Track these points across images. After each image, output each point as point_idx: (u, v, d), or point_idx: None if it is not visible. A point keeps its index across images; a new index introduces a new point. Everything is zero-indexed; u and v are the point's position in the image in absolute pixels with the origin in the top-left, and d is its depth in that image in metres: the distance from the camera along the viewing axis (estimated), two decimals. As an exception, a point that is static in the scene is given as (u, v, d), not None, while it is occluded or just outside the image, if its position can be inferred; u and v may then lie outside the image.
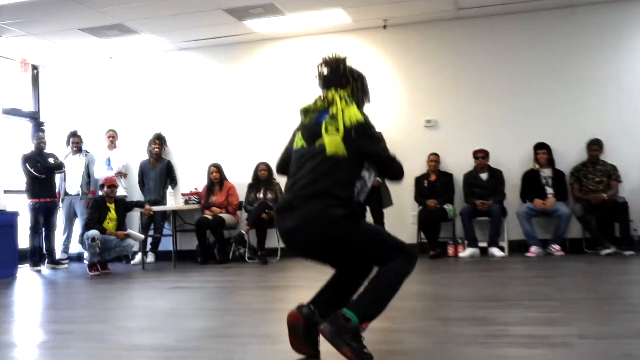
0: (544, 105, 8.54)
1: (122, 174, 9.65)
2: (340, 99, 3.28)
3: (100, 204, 8.41)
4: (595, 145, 8.05)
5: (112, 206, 8.47)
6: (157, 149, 9.65)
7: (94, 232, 8.07)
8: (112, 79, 10.31)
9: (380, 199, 8.24)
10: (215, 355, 3.55)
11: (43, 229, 9.17)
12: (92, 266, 8.17)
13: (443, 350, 3.45)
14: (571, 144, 8.35)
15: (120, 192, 9.13)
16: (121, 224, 8.61)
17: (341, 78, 3.37)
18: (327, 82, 3.37)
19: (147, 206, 8.82)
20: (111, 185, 8.51)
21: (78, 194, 9.56)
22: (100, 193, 8.71)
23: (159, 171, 9.63)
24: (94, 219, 8.27)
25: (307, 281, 6.69)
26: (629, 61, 8.36)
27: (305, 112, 3.41)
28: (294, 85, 9.43)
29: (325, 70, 3.39)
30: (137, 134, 9.98)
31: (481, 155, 8.39)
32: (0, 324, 5.07)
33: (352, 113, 3.23)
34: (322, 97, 3.35)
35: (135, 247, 9.03)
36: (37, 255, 9.10)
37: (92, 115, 10.30)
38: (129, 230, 8.68)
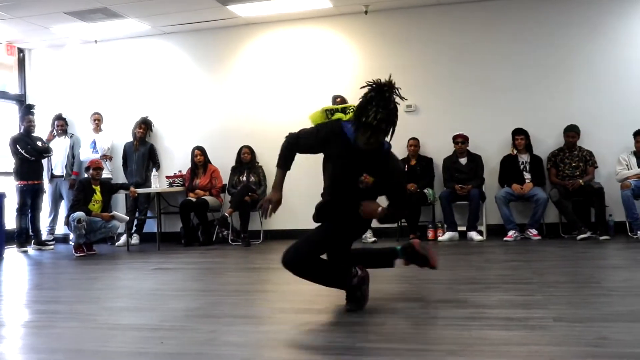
0: (522, 91, 8.54)
1: (107, 157, 9.56)
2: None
3: (86, 186, 8.33)
4: (571, 132, 8.07)
5: (97, 188, 8.38)
6: (141, 133, 9.56)
7: (79, 214, 7.99)
8: (98, 63, 10.18)
9: None
10: (199, 335, 3.52)
11: (29, 211, 9.09)
12: (77, 247, 8.11)
13: (422, 332, 3.45)
14: (549, 130, 8.37)
15: (105, 174, 9.05)
16: (106, 206, 8.53)
17: None
18: None
19: (131, 188, 8.75)
20: (97, 167, 8.42)
21: (63, 175, 9.50)
22: (86, 175, 8.62)
23: (141, 154, 9.54)
24: (80, 201, 8.19)
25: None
26: (605, 47, 8.35)
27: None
28: (277, 70, 9.39)
29: None
30: (122, 116, 9.88)
31: (460, 141, 8.39)
32: (-15, 304, 5.02)
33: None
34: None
35: (120, 229, 8.97)
36: (24, 237, 9.03)
37: (77, 98, 10.18)
38: (114, 212, 8.61)
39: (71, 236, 8.57)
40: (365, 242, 8.01)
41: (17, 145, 8.93)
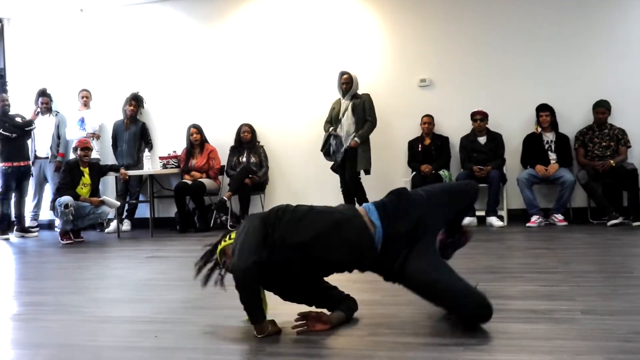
0: (548, 63, 8.49)
1: (95, 135, 9.55)
2: None
3: (73, 167, 8.34)
4: (601, 108, 8.02)
5: (85, 170, 8.40)
6: (132, 110, 9.54)
7: (66, 199, 8.01)
8: (84, 34, 10.15)
9: (354, 162, 8.16)
10: (195, 328, 3.54)
11: (13, 195, 9.12)
12: (64, 234, 8.14)
13: (438, 325, 3.44)
14: (576, 106, 8.32)
15: (93, 155, 9.05)
16: (95, 190, 8.55)
17: None
18: None
19: (122, 170, 8.75)
20: (85, 147, 8.42)
21: (48, 157, 9.50)
22: (73, 156, 8.63)
23: (132, 133, 9.54)
24: (67, 184, 8.21)
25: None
26: (636, 21, 8.30)
27: None
28: (278, 42, 9.36)
29: None
30: (111, 92, 9.88)
31: (479, 118, 8.35)
32: (-36, 295, 5.05)
33: None
34: None
35: (111, 215, 8.99)
36: (5, 223, 9.06)
37: (62, 72, 10.16)
38: (104, 197, 8.63)
39: (57, 222, 8.60)
40: None
41: None
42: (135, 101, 9.58)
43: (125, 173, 8.75)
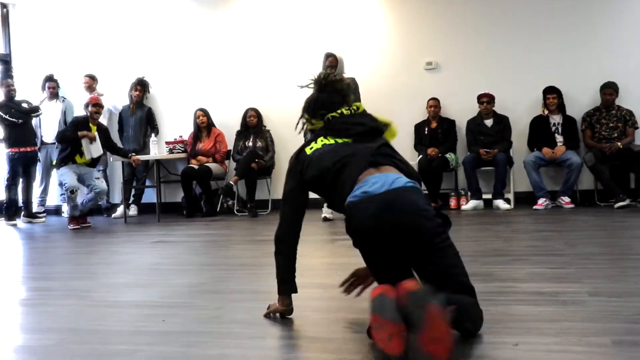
0: (554, 45, 8.44)
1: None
2: None
3: (81, 124, 8.23)
4: (609, 89, 7.98)
5: (94, 128, 8.30)
6: (138, 95, 9.54)
7: (72, 184, 7.99)
8: (91, 19, 10.09)
9: None
10: (203, 312, 3.55)
11: (21, 180, 9.13)
12: (72, 219, 8.13)
13: (446, 307, 3.45)
14: (583, 88, 8.29)
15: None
16: (107, 146, 8.53)
17: None
18: None
19: (133, 157, 8.65)
20: (96, 104, 8.35)
21: (55, 143, 9.49)
22: (84, 113, 8.47)
23: (138, 119, 9.53)
24: (68, 138, 8.15)
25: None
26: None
27: None
28: (284, 27, 9.32)
29: None
30: (118, 78, 9.83)
31: (486, 100, 8.32)
32: (-27, 280, 5.08)
33: None
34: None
35: (117, 199, 8.97)
36: (13, 209, 9.08)
37: (68, 58, 10.13)
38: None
39: (64, 208, 8.61)
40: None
41: (0, 111, 8.92)
42: (141, 86, 9.57)
43: (137, 159, 8.69)
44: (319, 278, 4.40)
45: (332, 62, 7.70)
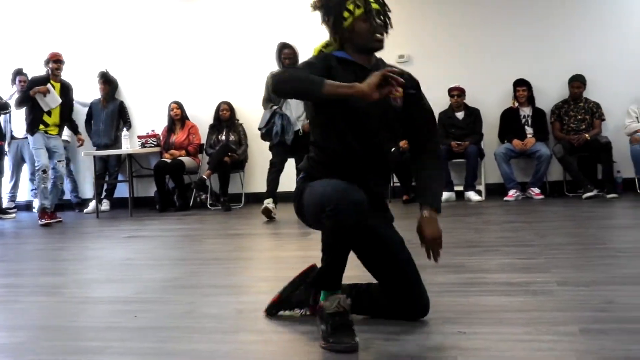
0: (524, 39, 8.51)
1: None
2: None
3: (41, 82, 7.98)
4: (576, 82, 8.07)
5: (57, 85, 8.13)
6: (101, 89, 9.45)
7: (45, 163, 7.87)
8: (59, 9, 9.95)
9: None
10: (176, 307, 3.53)
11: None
12: (43, 213, 8.00)
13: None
14: (552, 81, 8.37)
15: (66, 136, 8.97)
16: (66, 112, 8.30)
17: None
18: None
19: (80, 136, 8.57)
20: (57, 60, 8.13)
21: (26, 137, 9.36)
22: (45, 71, 8.19)
23: (110, 112, 9.44)
24: (24, 99, 7.95)
25: (271, 228, 6.70)
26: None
27: None
28: (257, 20, 9.28)
29: None
30: (88, 71, 9.69)
31: (456, 94, 8.36)
32: (-58, 278, 5.00)
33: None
34: None
35: (89, 195, 8.89)
36: (-19, 205, 8.97)
37: (38, 50, 9.97)
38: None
39: (35, 203, 8.50)
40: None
41: None
42: (103, 79, 9.46)
43: (82, 138, 8.62)
44: (290, 271, 4.39)
45: (289, 54, 7.31)
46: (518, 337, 2.71)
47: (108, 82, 9.52)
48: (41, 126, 8.02)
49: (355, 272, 3.08)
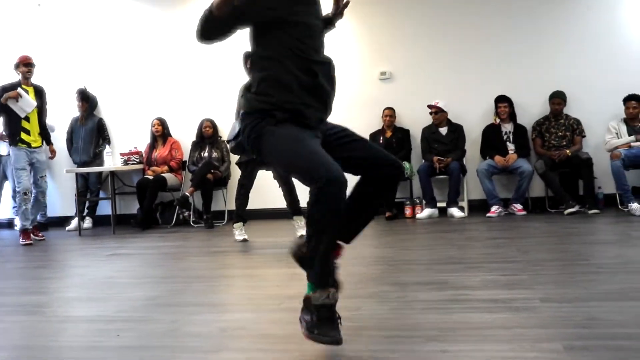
0: (506, 56, 8.58)
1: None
2: None
3: (13, 88, 7.78)
4: (557, 98, 8.13)
5: (30, 90, 7.97)
6: (79, 106, 9.42)
7: (26, 185, 7.79)
8: (42, 29, 9.92)
9: None
10: (159, 326, 3.50)
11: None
12: (24, 233, 7.91)
13: (401, 317, 3.46)
14: (533, 97, 8.43)
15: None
16: (42, 114, 8.11)
17: None
18: None
19: (52, 147, 8.33)
20: (27, 63, 7.95)
21: (9, 155, 9.25)
22: (17, 75, 7.99)
23: (89, 129, 9.39)
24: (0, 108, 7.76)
25: (256, 246, 6.67)
26: (592, 11, 8.42)
27: None
28: (241, 35, 9.26)
29: None
30: (69, 88, 9.66)
31: (434, 111, 8.39)
32: None
33: None
34: None
35: (71, 212, 8.81)
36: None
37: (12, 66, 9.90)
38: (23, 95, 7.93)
39: (16, 221, 8.43)
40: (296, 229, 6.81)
41: None
42: (81, 95, 9.42)
43: (54, 150, 8.41)
44: (274, 289, 4.38)
45: None
46: (502, 354, 2.71)
47: (86, 99, 9.46)
48: (24, 135, 7.86)
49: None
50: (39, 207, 8.25)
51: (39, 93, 8.08)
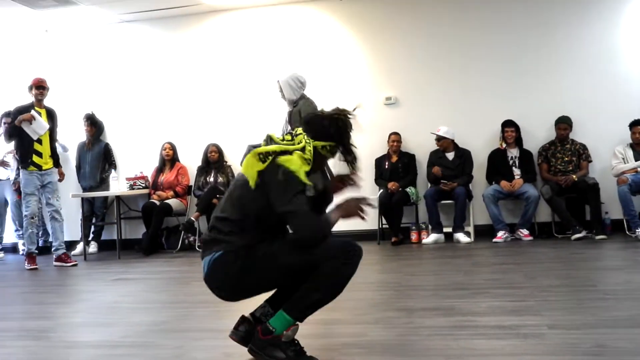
0: (511, 80, 8.60)
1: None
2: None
3: (26, 110, 7.80)
4: (563, 124, 8.14)
5: (42, 112, 7.98)
6: (87, 130, 9.46)
7: (34, 210, 7.79)
8: (49, 55, 10.01)
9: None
10: (164, 352, 3.49)
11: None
12: (29, 257, 7.90)
13: (407, 343, 3.44)
14: (539, 122, 8.43)
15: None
16: (53, 137, 8.12)
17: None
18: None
19: (60, 169, 8.26)
20: (40, 85, 7.95)
21: (9, 179, 9.29)
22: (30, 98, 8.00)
23: (95, 154, 9.43)
24: (13, 131, 7.78)
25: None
26: (596, 34, 8.44)
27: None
28: (247, 60, 9.34)
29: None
30: (76, 113, 9.71)
31: (437, 139, 8.38)
32: None
33: (291, 159, 3.13)
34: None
35: (76, 237, 8.82)
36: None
37: (26, 94, 9.97)
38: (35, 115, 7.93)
39: (20, 246, 8.42)
40: None
41: None
42: (89, 121, 9.47)
43: (62, 173, 8.36)
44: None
45: (279, 87, 6.87)
46: (509, 381, 2.69)
47: (94, 124, 9.52)
48: (36, 158, 7.84)
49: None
50: (59, 226, 8.07)
51: (51, 115, 8.10)
